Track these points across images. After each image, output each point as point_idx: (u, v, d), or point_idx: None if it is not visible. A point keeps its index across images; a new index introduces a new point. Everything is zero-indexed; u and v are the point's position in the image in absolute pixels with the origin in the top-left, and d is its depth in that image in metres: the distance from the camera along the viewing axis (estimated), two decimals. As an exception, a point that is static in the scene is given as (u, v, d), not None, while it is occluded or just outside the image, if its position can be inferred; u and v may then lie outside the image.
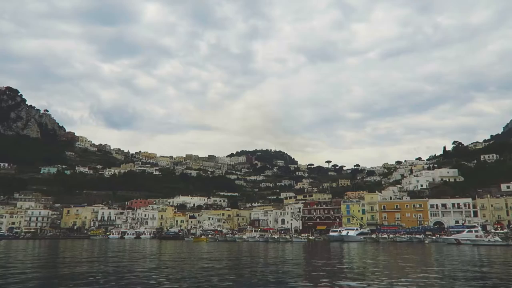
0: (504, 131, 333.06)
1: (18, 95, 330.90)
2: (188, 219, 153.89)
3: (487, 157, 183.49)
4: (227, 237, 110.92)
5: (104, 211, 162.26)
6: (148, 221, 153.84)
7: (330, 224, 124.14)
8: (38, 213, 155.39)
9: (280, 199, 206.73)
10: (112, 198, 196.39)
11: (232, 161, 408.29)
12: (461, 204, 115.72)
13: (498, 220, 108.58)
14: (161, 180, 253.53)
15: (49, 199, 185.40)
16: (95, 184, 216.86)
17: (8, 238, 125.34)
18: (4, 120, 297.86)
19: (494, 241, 73.52)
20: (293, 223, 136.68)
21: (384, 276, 27.38)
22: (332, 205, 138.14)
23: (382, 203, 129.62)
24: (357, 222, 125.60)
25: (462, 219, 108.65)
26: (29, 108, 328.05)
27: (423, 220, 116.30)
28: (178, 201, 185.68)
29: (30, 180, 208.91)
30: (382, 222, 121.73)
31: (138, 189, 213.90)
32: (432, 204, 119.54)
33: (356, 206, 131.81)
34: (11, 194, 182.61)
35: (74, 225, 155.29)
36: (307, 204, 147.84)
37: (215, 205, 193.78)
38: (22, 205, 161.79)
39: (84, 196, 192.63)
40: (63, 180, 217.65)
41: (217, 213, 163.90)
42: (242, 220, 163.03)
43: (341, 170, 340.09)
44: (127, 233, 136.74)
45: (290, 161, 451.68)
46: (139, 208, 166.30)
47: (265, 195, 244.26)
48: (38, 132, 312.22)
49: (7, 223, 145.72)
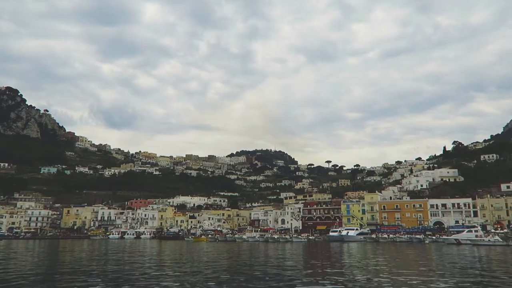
0: (504, 131, 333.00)
1: (18, 95, 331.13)
2: (188, 219, 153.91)
3: (487, 157, 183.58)
4: (227, 237, 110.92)
5: (104, 211, 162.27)
6: (148, 221, 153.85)
7: (330, 224, 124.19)
8: (38, 213, 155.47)
9: (280, 199, 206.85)
10: (112, 198, 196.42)
11: (232, 161, 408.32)
12: (461, 204, 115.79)
13: (498, 220, 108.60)
14: (161, 180, 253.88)
15: (49, 199, 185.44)
16: (95, 184, 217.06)
17: (8, 238, 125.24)
18: (4, 120, 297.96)
19: (494, 241, 73.53)
20: (293, 223, 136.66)
21: (384, 276, 27.36)
22: (332, 205, 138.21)
23: (382, 203, 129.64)
24: (357, 222, 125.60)
25: (462, 219, 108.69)
26: (29, 108, 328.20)
27: (423, 220, 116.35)
28: (178, 201, 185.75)
29: (30, 180, 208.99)
30: (382, 222, 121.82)
31: (138, 189, 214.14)
32: (432, 204, 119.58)
33: (356, 206, 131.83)
34: (11, 194, 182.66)
35: (74, 225, 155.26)
36: (307, 204, 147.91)
37: (215, 205, 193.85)
38: (22, 205, 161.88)
39: (84, 196, 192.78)
40: (63, 180, 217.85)
41: (217, 213, 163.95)
42: (242, 220, 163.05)
43: (341, 170, 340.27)
44: (127, 233, 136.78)
45: (290, 161, 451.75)
46: (139, 208, 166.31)
47: (265, 195, 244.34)
48: (38, 132, 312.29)
49: (7, 223, 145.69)
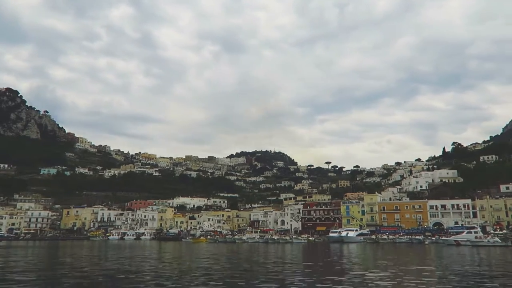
0: (503, 132, 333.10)
1: (18, 96, 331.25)
2: (187, 220, 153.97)
3: (486, 158, 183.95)
4: (226, 238, 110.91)
5: (104, 212, 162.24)
6: (148, 222, 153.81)
7: (330, 225, 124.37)
8: (38, 214, 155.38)
9: (280, 200, 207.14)
10: (112, 199, 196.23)
11: (231, 162, 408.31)
12: (461, 205, 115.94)
13: (498, 221, 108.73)
14: (161, 181, 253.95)
15: (49, 200, 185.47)
16: (95, 185, 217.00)
17: (8, 239, 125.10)
18: (4, 121, 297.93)
19: (494, 242, 73.63)
20: (292, 224, 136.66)
21: (384, 277, 27.49)
22: (332, 206, 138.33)
23: (382, 204, 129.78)
24: (357, 223, 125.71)
25: (461, 220, 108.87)
26: (29, 109, 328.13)
27: (422, 221, 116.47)
28: (178, 202, 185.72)
29: (30, 181, 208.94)
30: (381, 223, 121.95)
31: (138, 190, 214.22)
32: (431, 205, 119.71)
33: (356, 207, 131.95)
34: (11, 195, 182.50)
35: (74, 226, 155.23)
36: (307, 205, 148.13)
37: (214, 206, 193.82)
38: (22, 206, 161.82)
39: (84, 197, 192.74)
40: (63, 181, 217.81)
41: (216, 214, 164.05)
42: (242, 221, 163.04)
43: (341, 171, 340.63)
44: (127, 234, 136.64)
45: (290, 162, 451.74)
46: (139, 209, 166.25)
47: (265, 196, 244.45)
48: (38, 133, 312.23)
49: (7, 224, 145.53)
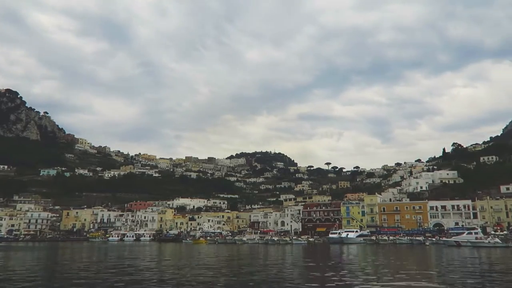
0: (503, 133, 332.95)
1: (17, 97, 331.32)
2: (187, 221, 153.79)
3: (486, 159, 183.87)
4: (226, 239, 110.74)
5: (104, 213, 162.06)
6: (148, 223, 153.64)
7: (330, 226, 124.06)
8: (37, 215, 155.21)
9: (280, 201, 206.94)
10: (111, 200, 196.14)
11: (231, 163, 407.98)
12: (461, 206, 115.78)
13: (498, 221, 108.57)
14: (160, 182, 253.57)
15: (48, 201, 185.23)
16: (95, 186, 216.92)
17: (7, 240, 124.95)
18: (4, 122, 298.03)
19: (494, 243, 73.46)
20: (292, 225, 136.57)
21: (384, 278, 27.39)
22: (332, 207, 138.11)
23: (382, 205, 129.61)
24: (357, 224, 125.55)
25: (461, 221, 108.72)
26: (29, 110, 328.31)
27: (422, 222, 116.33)
28: (178, 203, 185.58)
29: (30, 182, 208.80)
30: (381, 224, 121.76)
31: (137, 191, 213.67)
32: (431, 206, 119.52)
33: (356, 208, 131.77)
34: (10, 196, 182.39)
35: (74, 227, 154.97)
36: (307, 206, 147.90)
37: (214, 207, 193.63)
38: (22, 207, 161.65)
39: (84, 198, 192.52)
40: (62, 182, 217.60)
41: (216, 215, 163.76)
42: (242, 222, 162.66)
43: (341, 172, 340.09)
44: (126, 235, 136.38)
45: (290, 163, 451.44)
46: (139, 210, 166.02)
47: (265, 197, 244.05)
48: (38, 134, 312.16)
49: (6, 226, 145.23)
